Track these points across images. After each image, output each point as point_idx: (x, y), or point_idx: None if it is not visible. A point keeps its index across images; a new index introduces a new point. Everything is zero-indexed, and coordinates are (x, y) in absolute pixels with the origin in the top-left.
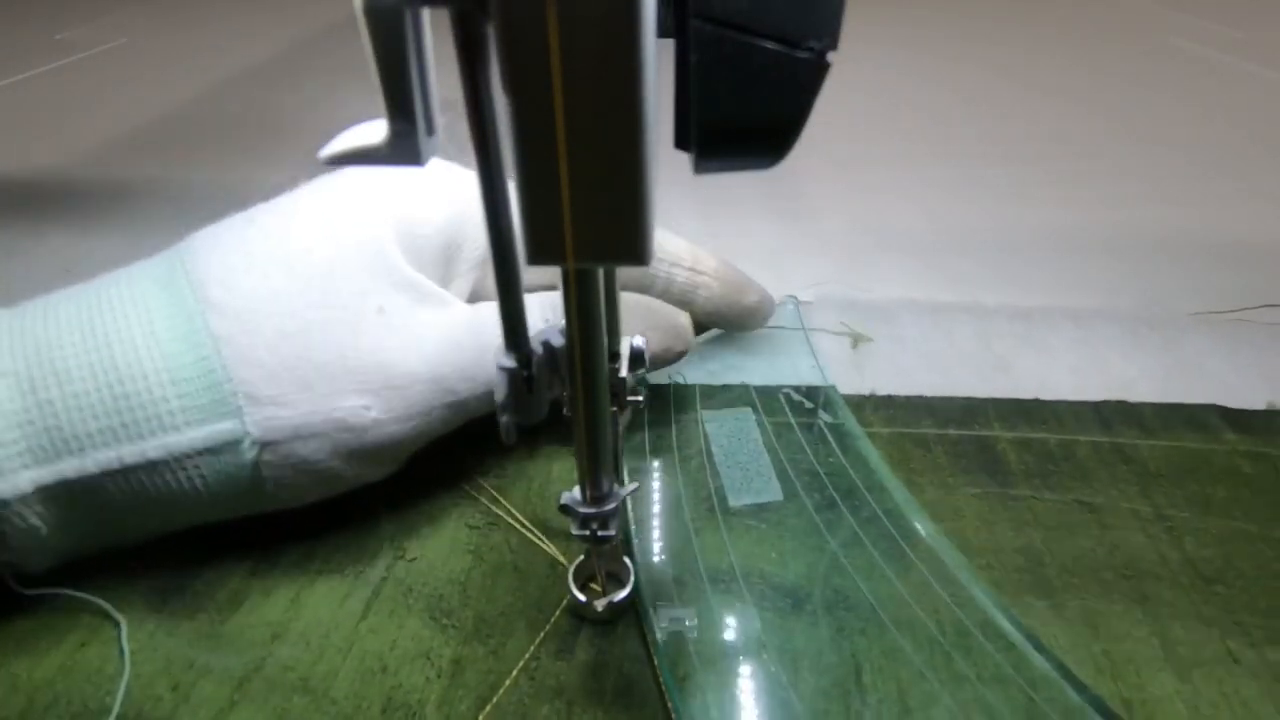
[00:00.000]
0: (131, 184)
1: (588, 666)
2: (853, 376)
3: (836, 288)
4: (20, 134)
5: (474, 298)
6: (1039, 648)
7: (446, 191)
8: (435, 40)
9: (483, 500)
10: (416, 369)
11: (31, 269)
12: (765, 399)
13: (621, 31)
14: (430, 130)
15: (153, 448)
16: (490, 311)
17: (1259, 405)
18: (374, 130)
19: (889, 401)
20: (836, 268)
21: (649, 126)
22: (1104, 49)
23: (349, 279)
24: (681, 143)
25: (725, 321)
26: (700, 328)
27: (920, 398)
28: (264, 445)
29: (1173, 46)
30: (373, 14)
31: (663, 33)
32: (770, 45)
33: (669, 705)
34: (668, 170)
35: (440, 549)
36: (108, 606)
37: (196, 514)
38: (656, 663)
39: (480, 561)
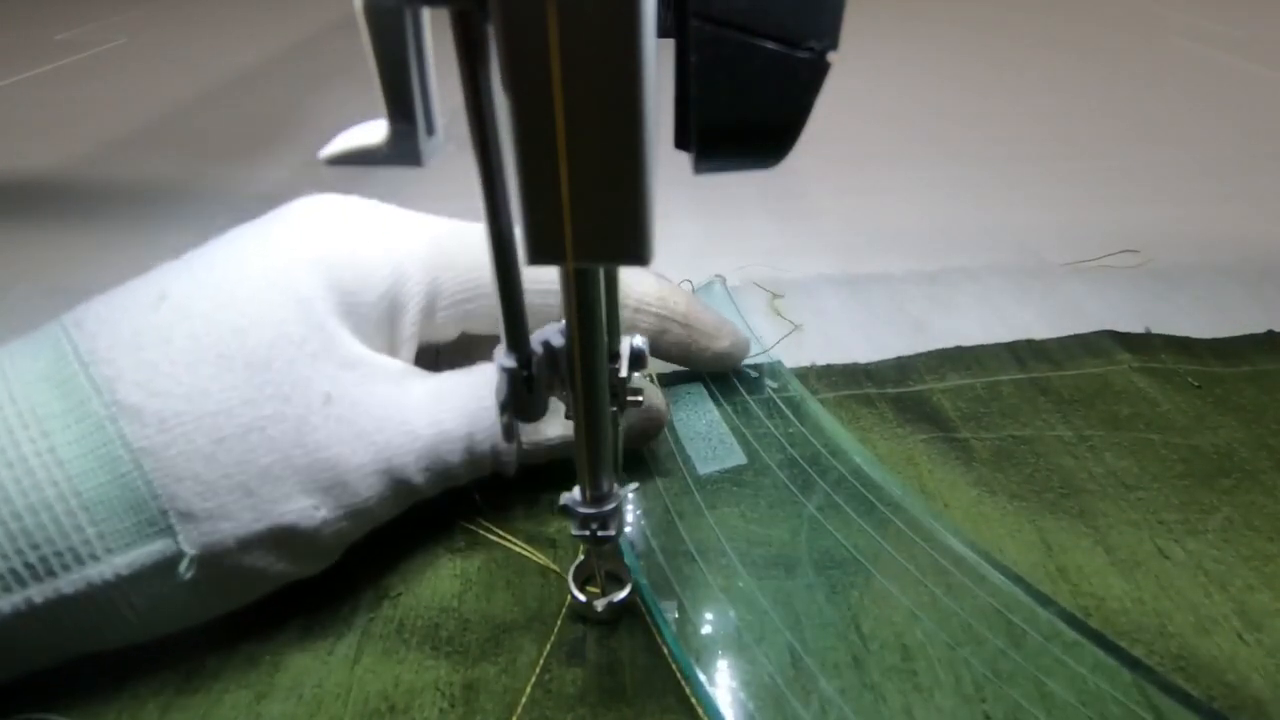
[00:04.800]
0: (131, 185)
1: (601, 668)
2: (792, 352)
3: (758, 270)
4: (20, 134)
5: (423, 348)
6: (1005, 573)
7: (384, 250)
8: (435, 40)
9: (458, 522)
10: (368, 461)
11: (31, 270)
12: (713, 377)
13: (621, 31)
14: (430, 130)
15: (69, 583)
16: (449, 387)
17: (1139, 330)
18: (374, 130)
19: (829, 370)
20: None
21: (649, 126)
22: (1104, 48)
23: (290, 365)
24: (681, 143)
25: (693, 364)
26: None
27: (856, 364)
28: (204, 562)
29: (1175, 46)
30: (373, 14)
31: (663, 33)
32: (770, 45)
33: (689, 689)
34: (668, 170)
35: (425, 579)
36: (41, 717)
37: (123, 640)
38: (669, 651)
39: (470, 584)
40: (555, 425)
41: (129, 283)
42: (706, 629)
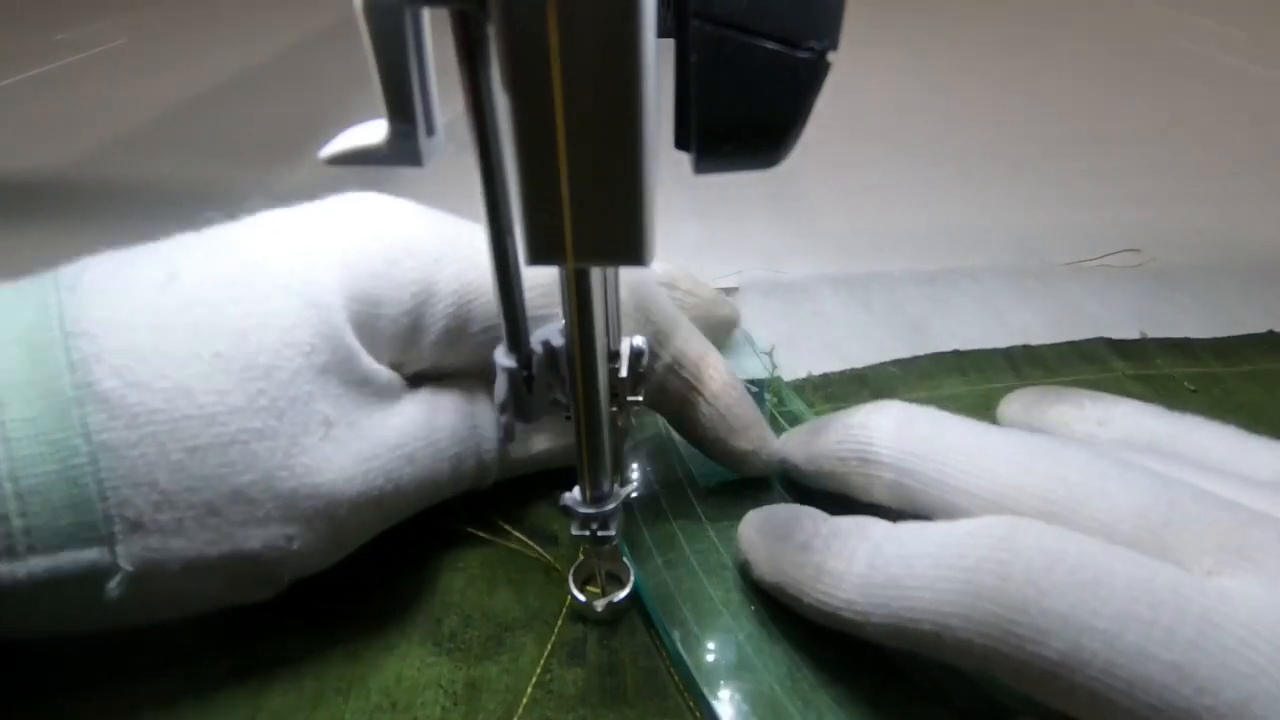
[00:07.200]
0: (131, 185)
1: (603, 669)
2: (789, 359)
3: (758, 272)
4: (20, 134)
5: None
6: None
7: (419, 264)
8: (435, 40)
9: (460, 516)
10: (360, 494)
11: (31, 271)
12: None
13: (621, 31)
14: (430, 130)
15: None
16: (440, 404)
17: (1134, 335)
18: (374, 130)
19: (826, 380)
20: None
21: (649, 126)
22: (1104, 48)
23: (293, 379)
24: (681, 143)
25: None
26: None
27: (852, 369)
28: (136, 579)
29: (1175, 46)
30: (373, 14)
31: (663, 33)
32: (770, 45)
33: (690, 693)
34: (668, 170)
35: (426, 574)
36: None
37: (19, 636)
38: (669, 654)
39: (472, 580)
40: (541, 440)
41: (142, 247)
42: (706, 639)
